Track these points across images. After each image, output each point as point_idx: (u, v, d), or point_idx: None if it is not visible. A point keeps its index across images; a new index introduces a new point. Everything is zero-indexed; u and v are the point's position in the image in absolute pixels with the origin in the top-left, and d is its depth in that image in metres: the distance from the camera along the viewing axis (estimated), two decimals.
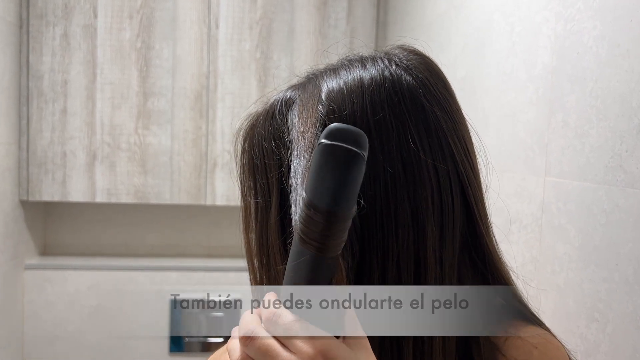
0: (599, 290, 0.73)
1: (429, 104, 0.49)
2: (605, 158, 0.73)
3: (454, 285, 0.49)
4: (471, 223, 0.51)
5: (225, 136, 1.79)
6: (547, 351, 0.50)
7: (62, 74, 1.72)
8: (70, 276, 1.80)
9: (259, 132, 0.51)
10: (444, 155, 0.48)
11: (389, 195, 0.47)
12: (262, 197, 0.51)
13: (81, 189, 1.75)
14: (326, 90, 0.49)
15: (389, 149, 0.47)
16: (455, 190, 0.49)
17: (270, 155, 0.50)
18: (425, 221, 0.47)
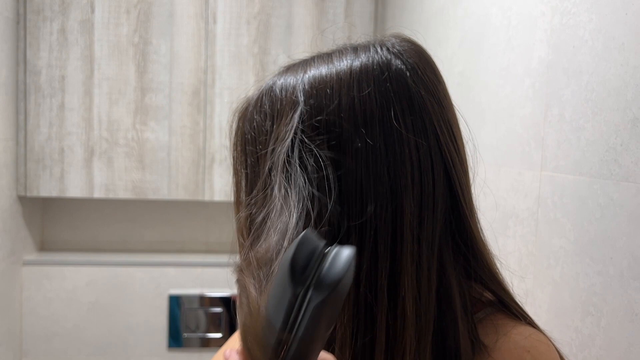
0: (594, 283, 0.73)
1: (415, 85, 0.50)
2: (600, 152, 0.73)
3: (432, 266, 0.49)
4: (455, 207, 0.51)
5: (223, 132, 1.79)
6: (538, 355, 0.50)
7: (60, 69, 1.71)
8: (69, 272, 1.80)
9: (251, 112, 0.54)
10: (426, 135, 0.49)
11: (369, 169, 0.48)
12: (251, 170, 0.53)
13: (79, 184, 1.75)
14: (313, 74, 0.51)
15: (372, 124, 0.48)
16: (438, 172, 0.50)
17: (260, 131, 0.52)
18: (404, 198, 0.48)
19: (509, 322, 0.53)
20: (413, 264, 0.48)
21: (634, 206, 0.66)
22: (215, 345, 1.86)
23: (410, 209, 0.48)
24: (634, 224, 0.66)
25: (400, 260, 0.48)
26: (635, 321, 0.65)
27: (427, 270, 0.49)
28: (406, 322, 0.48)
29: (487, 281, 0.55)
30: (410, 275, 0.48)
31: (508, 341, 0.50)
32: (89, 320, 1.81)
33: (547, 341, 0.52)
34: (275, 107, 0.52)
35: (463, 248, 0.52)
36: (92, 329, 1.81)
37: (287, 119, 0.50)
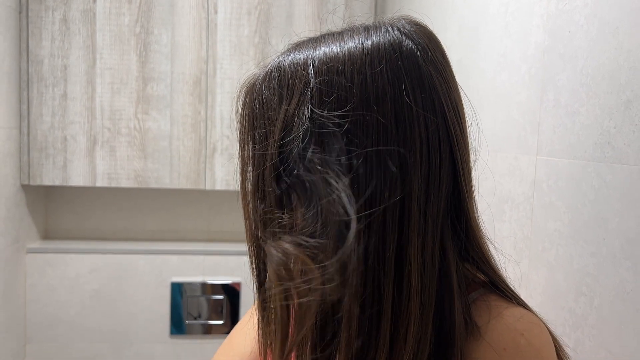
0: (588, 265, 0.75)
1: (425, 64, 0.51)
2: (594, 135, 0.74)
3: (436, 242, 0.51)
4: (456, 187, 0.53)
5: (224, 121, 1.80)
6: (532, 338, 0.50)
7: (62, 58, 1.73)
8: (72, 260, 1.82)
9: (259, 87, 0.55)
10: (435, 114, 0.51)
11: (380, 144, 0.49)
12: (259, 145, 0.54)
13: (82, 173, 1.77)
14: (324, 51, 0.52)
15: (384, 101, 0.49)
16: (444, 151, 0.51)
17: (269, 107, 0.53)
18: (412, 174, 0.50)
19: (502, 303, 0.54)
20: (419, 238, 0.50)
21: (626, 188, 0.67)
22: (217, 332, 1.88)
23: (418, 185, 0.49)
24: (626, 205, 0.67)
25: (407, 234, 0.49)
26: (626, 300, 0.67)
27: (431, 245, 0.50)
28: (411, 294, 0.49)
29: (479, 262, 0.57)
30: (416, 250, 0.50)
31: (500, 322, 0.51)
32: (92, 307, 1.83)
33: (539, 322, 0.53)
34: (284, 82, 0.53)
35: (459, 228, 0.53)
36: (95, 316, 1.83)
37: (298, 95, 0.51)
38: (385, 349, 0.49)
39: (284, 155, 0.51)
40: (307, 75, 0.51)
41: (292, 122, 0.51)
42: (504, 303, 0.54)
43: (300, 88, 0.51)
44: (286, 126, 0.51)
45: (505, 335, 0.50)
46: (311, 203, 0.50)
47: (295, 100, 0.51)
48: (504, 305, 0.53)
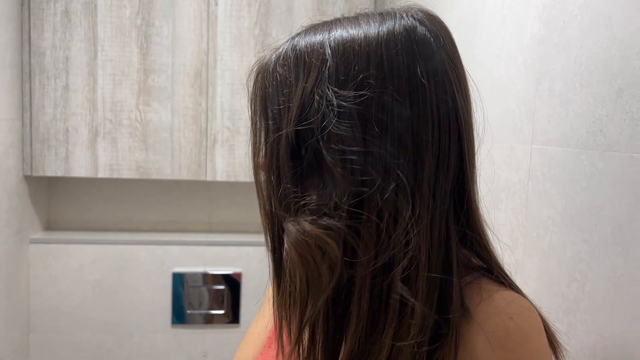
0: (580, 251, 0.76)
1: (437, 50, 0.53)
2: (587, 123, 0.75)
3: (442, 222, 0.53)
4: (461, 171, 0.55)
5: (224, 112, 1.81)
6: (521, 322, 0.51)
7: (64, 50, 1.74)
8: (74, 250, 1.84)
9: (273, 66, 0.56)
10: (446, 97, 0.53)
11: (394, 123, 0.51)
12: (272, 121, 0.55)
13: (84, 164, 1.78)
14: (340, 33, 0.54)
15: (399, 81, 0.51)
16: (453, 134, 0.54)
17: (284, 84, 0.55)
18: (424, 153, 0.52)
19: (494, 286, 0.55)
20: (428, 216, 0.52)
21: (618, 175, 0.69)
22: (218, 322, 1.90)
23: (429, 164, 0.52)
24: (617, 192, 0.69)
25: (418, 212, 0.51)
26: (617, 285, 0.68)
27: (438, 224, 0.52)
28: (419, 269, 0.51)
29: (478, 246, 0.58)
30: (425, 228, 0.52)
31: (491, 305, 0.52)
32: (94, 297, 1.85)
33: (530, 306, 0.53)
34: (301, 61, 0.54)
35: (460, 212, 0.55)
36: (98, 306, 1.85)
37: (315, 73, 0.53)
38: (394, 322, 0.51)
39: (300, 132, 0.53)
40: (324, 54, 0.53)
41: (311, 100, 0.52)
42: (495, 286, 0.55)
43: (318, 66, 0.53)
44: (304, 104, 0.53)
45: (494, 319, 0.51)
46: (328, 180, 0.52)
47: (312, 78, 0.53)
48: (496, 288, 0.55)
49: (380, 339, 0.52)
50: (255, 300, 1.91)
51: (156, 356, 1.89)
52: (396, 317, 0.51)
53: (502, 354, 0.50)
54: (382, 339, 0.51)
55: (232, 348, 1.92)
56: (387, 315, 0.52)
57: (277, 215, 0.56)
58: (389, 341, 0.51)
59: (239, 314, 1.91)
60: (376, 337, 0.52)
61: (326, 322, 0.54)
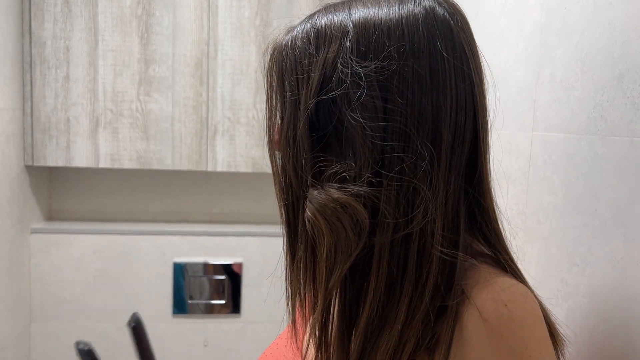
0: (580, 235, 0.77)
1: (456, 29, 0.55)
2: (588, 109, 0.76)
3: (456, 198, 0.54)
4: (475, 148, 0.56)
5: (225, 103, 1.82)
6: (515, 310, 0.51)
7: (64, 40, 1.74)
8: (76, 240, 1.84)
9: (292, 40, 0.57)
10: (463, 74, 0.55)
11: (415, 95, 0.52)
12: (290, 92, 0.56)
13: (85, 154, 1.78)
14: (362, 12, 0.55)
15: (419, 54, 0.53)
16: (469, 111, 0.55)
17: (303, 55, 0.56)
18: (442, 127, 0.53)
19: (493, 272, 0.55)
20: (444, 191, 0.53)
21: (618, 159, 0.69)
22: (218, 311, 1.91)
23: (446, 137, 0.53)
24: (617, 176, 0.69)
25: (435, 186, 0.53)
26: (616, 268, 0.69)
27: (452, 199, 0.54)
28: (434, 241, 0.53)
29: (485, 228, 0.59)
30: (441, 200, 0.53)
31: (485, 290, 0.52)
32: (95, 287, 1.86)
33: (525, 292, 0.53)
34: (322, 34, 0.55)
35: (470, 192, 0.56)
36: (99, 295, 1.86)
37: (337, 44, 0.54)
38: (409, 291, 0.53)
39: (320, 102, 0.54)
40: (345, 27, 0.54)
41: (333, 70, 0.53)
42: (494, 271, 0.55)
43: (339, 37, 0.54)
44: (325, 73, 0.54)
45: (488, 305, 0.51)
46: (348, 150, 0.53)
47: (334, 48, 0.54)
48: (495, 274, 0.55)
49: (396, 308, 0.53)
50: (256, 291, 1.92)
51: (157, 345, 1.89)
52: (412, 287, 0.53)
53: (495, 340, 0.50)
54: (398, 308, 0.53)
55: (232, 338, 1.93)
56: (404, 285, 0.53)
57: (294, 187, 0.57)
58: (404, 310, 0.52)
59: (240, 304, 1.92)
60: (392, 306, 0.53)
61: (344, 291, 0.56)
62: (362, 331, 0.54)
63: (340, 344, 0.57)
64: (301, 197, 0.56)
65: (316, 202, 0.54)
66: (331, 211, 0.53)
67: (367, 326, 0.54)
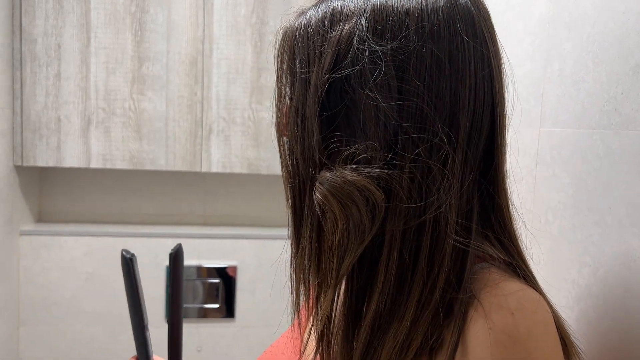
0: (592, 234, 0.74)
1: (477, 18, 0.53)
2: (600, 102, 0.73)
3: (470, 192, 0.52)
4: (492, 141, 0.54)
5: (220, 102, 1.78)
6: (522, 319, 0.47)
7: (56, 37, 1.70)
8: (66, 242, 1.80)
9: (307, 20, 0.55)
10: (483, 63, 0.52)
11: (432, 78, 0.50)
12: (301, 70, 0.54)
13: (76, 154, 1.74)
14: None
15: (439, 37, 0.51)
16: (487, 101, 0.53)
17: (316, 31, 0.53)
18: (460, 114, 0.51)
19: (502, 274, 0.51)
20: (459, 181, 0.51)
21: (633, 154, 0.66)
22: (212, 316, 1.87)
23: (464, 126, 0.51)
24: (633, 171, 0.66)
25: (449, 176, 0.50)
26: (632, 268, 0.66)
27: (466, 192, 0.51)
28: (448, 233, 0.50)
29: (499, 229, 0.55)
30: (457, 191, 0.50)
31: (491, 294, 0.49)
32: (86, 290, 1.81)
33: (536, 300, 0.49)
34: (337, 12, 0.53)
35: (483, 188, 0.54)
36: (90, 298, 1.82)
37: (352, 22, 0.51)
38: (420, 284, 0.50)
39: (333, 82, 0.52)
40: (362, 6, 0.52)
41: (348, 47, 0.51)
42: (503, 275, 0.52)
43: (355, 14, 0.52)
44: (340, 50, 0.51)
45: (493, 312, 0.48)
46: (359, 131, 0.51)
47: (350, 26, 0.52)
48: (504, 276, 0.51)
49: (406, 302, 0.51)
50: (251, 294, 1.88)
51: None
52: (423, 280, 0.50)
53: (498, 352, 0.47)
54: (407, 302, 0.50)
55: (226, 343, 1.88)
56: (415, 277, 0.50)
57: (301, 169, 0.54)
58: (414, 305, 0.50)
59: (234, 308, 1.88)
60: (402, 300, 0.51)
61: (351, 281, 0.53)
62: (369, 325, 0.52)
63: (344, 337, 0.54)
64: (308, 180, 0.54)
65: (329, 184, 0.51)
66: (346, 193, 0.50)
67: (374, 320, 0.52)
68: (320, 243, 0.54)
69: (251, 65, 1.78)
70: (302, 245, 0.56)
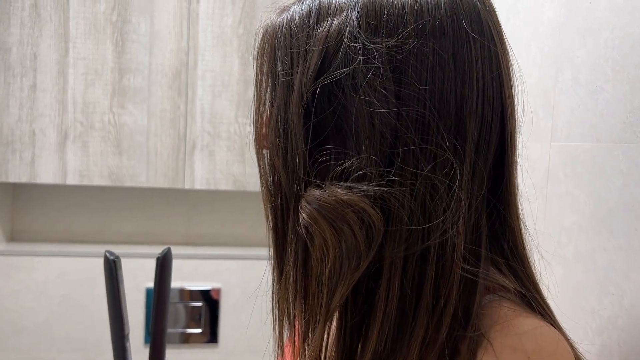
0: (614, 259, 0.66)
1: (484, 14, 0.46)
2: (622, 113, 0.66)
3: (478, 212, 0.44)
4: (502, 153, 0.47)
5: (205, 116, 1.70)
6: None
7: (32, 47, 1.62)
8: (39, 263, 1.70)
9: (290, 16, 0.48)
10: (491, 64, 0.45)
11: (436, 79, 0.43)
12: (283, 72, 0.47)
13: (51, 170, 1.65)
14: None
15: (442, 34, 0.44)
16: (497, 108, 0.46)
17: (301, 28, 0.47)
18: (467, 122, 0.44)
19: (514, 309, 0.45)
20: (467, 200, 0.44)
21: None
22: (195, 341, 1.77)
23: (472, 133, 0.44)
24: None
25: (457, 191, 0.44)
26: None
27: (474, 212, 0.45)
28: (455, 259, 0.43)
29: (509, 254, 0.49)
30: (465, 211, 0.44)
31: (503, 334, 0.43)
32: (60, 314, 1.71)
33: (556, 340, 0.43)
34: (324, 6, 0.47)
35: (493, 206, 0.46)
36: (64, 323, 1.71)
37: (342, 17, 0.45)
38: (425, 321, 0.43)
39: (318, 86, 0.45)
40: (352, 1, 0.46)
41: (337, 45, 0.45)
42: (517, 309, 0.45)
43: (345, 8, 0.45)
44: (328, 49, 0.45)
45: (506, 355, 0.42)
46: (350, 141, 0.44)
47: (338, 21, 0.45)
48: (517, 311, 0.45)
49: (408, 342, 0.44)
50: (235, 318, 1.78)
51: None
52: (428, 316, 0.43)
53: None
54: (410, 342, 0.43)
55: None
56: (418, 313, 0.43)
57: (283, 186, 0.48)
58: (418, 346, 0.43)
59: (218, 333, 1.79)
60: (404, 340, 0.44)
61: (344, 316, 0.46)
62: None
63: None
64: (292, 198, 0.47)
65: (318, 204, 0.44)
66: (338, 215, 0.43)
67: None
68: (306, 271, 0.47)
69: (238, 78, 1.71)
70: (285, 274, 0.49)
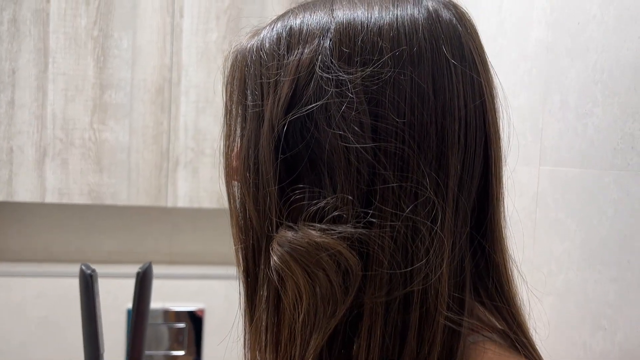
0: (607, 292, 0.63)
1: (465, 37, 0.43)
2: (613, 139, 0.63)
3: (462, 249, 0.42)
4: (485, 185, 0.44)
5: (188, 132, 1.67)
6: None
7: (10, 62, 1.58)
8: (15, 284, 1.65)
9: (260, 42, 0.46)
10: (474, 92, 0.43)
11: (415, 110, 0.41)
12: (253, 103, 0.45)
13: (29, 188, 1.61)
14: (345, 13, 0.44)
15: (420, 61, 0.41)
16: (480, 138, 0.43)
17: (271, 57, 0.45)
18: (450, 155, 0.41)
19: (500, 352, 0.43)
20: (451, 238, 0.41)
21: None
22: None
23: (454, 167, 0.41)
24: None
25: (440, 230, 0.41)
26: None
27: (458, 251, 0.42)
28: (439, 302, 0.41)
29: (494, 292, 0.46)
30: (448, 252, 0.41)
31: None
32: (38, 336, 1.66)
33: None
34: (295, 32, 0.44)
35: (476, 242, 0.43)
36: (42, 346, 1.66)
37: (314, 45, 0.42)
38: None
39: (290, 119, 0.42)
40: (325, 24, 0.43)
41: (309, 75, 0.42)
42: (503, 353, 0.43)
43: (317, 36, 0.43)
44: (299, 79, 0.42)
45: None
46: (325, 179, 0.41)
47: (311, 49, 0.42)
48: (504, 355, 0.43)
49: None
50: (219, 340, 1.74)
51: None
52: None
53: None
54: None
55: None
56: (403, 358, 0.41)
57: (254, 226, 0.45)
58: None
59: (201, 355, 1.74)
60: None
61: None
62: None
63: None
64: (263, 239, 0.45)
65: (289, 246, 0.41)
66: (312, 259, 0.41)
67: None
68: (279, 318, 0.44)
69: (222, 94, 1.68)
70: (256, 320, 0.46)
